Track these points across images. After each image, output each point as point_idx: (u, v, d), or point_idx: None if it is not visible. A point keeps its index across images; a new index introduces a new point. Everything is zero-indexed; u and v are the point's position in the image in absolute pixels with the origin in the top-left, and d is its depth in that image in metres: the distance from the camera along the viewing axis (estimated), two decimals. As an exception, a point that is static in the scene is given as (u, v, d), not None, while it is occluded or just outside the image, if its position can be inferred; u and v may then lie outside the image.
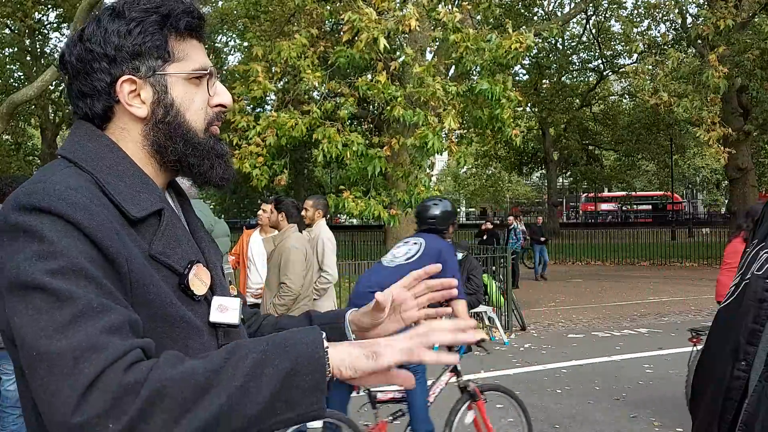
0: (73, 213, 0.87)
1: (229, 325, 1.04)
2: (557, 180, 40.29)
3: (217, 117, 1.09)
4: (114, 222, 0.91)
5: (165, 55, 1.03)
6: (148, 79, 1.02)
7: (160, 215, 1.01)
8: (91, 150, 0.99)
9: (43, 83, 11.41)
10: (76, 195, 0.89)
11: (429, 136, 8.13)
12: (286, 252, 4.61)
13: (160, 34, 1.02)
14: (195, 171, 1.07)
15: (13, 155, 25.20)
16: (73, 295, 0.82)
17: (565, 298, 13.16)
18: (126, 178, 0.99)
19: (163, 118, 1.03)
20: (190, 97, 1.05)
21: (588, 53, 31.64)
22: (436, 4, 9.41)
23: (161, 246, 0.98)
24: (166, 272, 0.97)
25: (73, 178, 0.93)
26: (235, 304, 1.05)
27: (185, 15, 1.04)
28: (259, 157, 9.18)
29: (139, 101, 1.02)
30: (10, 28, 22.88)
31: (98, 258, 0.87)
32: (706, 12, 14.25)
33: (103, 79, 1.01)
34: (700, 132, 13.10)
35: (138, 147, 1.04)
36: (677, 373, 6.58)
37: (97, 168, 0.97)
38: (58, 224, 0.86)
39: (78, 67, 1.02)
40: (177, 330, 0.95)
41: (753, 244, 1.20)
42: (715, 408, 1.12)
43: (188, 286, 0.99)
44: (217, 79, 1.10)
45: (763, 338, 1.08)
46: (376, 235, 26.50)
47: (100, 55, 1.00)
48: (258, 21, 15.46)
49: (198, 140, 1.05)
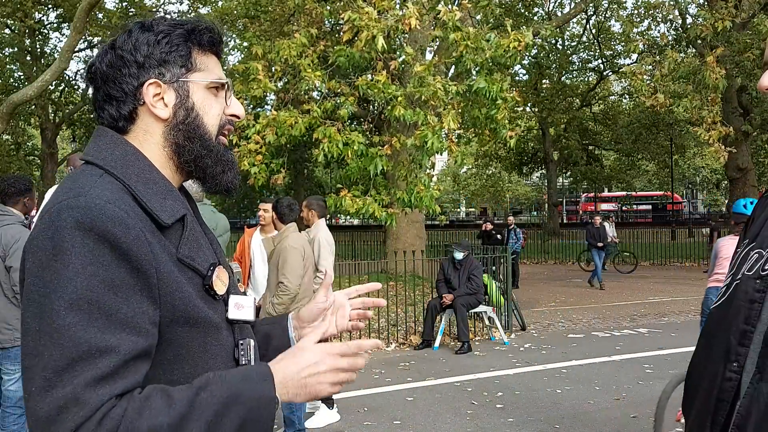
0: (112, 228, 0.95)
1: (246, 322, 1.15)
2: (557, 180, 40.28)
3: (229, 122, 1.19)
4: (146, 232, 1.00)
5: (188, 65, 1.14)
6: (172, 85, 1.12)
7: (183, 220, 1.09)
8: (119, 157, 1.07)
9: (43, 83, 11.41)
10: (114, 209, 0.97)
11: (428, 136, 8.13)
12: (284, 252, 4.65)
13: (185, 46, 1.14)
14: (208, 173, 1.15)
15: (13, 155, 25.19)
16: (78, 336, 0.91)
17: (565, 298, 13.16)
18: (153, 185, 1.07)
19: (184, 119, 1.13)
20: (209, 104, 1.15)
21: (588, 53, 31.63)
22: (437, 3, 9.40)
23: (187, 250, 1.07)
24: (192, 274, 1.06)
25: (109, 189, 1.01)
26: (249, 302, 1.16)
27: (208, 32, 1.16)
28: (258, 156, 9.18)
29: (162, 104, 1.11)
30: (10, 28, 22.88)
31: (125, 276, 0.95)
32: (705, 12, 14.25)
33: (131, 83, 1.10)
34: (700, 131, 13.10)
35: (159, 148, 1.12)
36: (677, 373, 6.59)
37: (127, 175, 1.05)
38: (90, 244, 0.94)
39: (108, 73, 1.11)
40: (197, 329, 1.05)
41: (744, 244, 1.21)
42: (708, 409, 1.12)
43: (212, 287, 1.08)
44: (232, 92, 1.21)
45: (755, 339, 1.08)
46: (376, 235, 26.49)
47: (130, 62, 1.10)
48: (258, 21, 15.45)
49: (212, 144, 1.15)
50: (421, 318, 8.97)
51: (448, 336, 8.61)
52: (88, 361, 0.91)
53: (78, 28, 11.06)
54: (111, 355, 0.92)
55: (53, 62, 12.55)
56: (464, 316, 8.00)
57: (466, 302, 8.08)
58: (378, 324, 9.20)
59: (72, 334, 0.91)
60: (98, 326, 0.92)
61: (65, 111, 25.92)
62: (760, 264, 1.12)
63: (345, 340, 1.60)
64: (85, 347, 0.91)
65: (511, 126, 9.00)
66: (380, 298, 1.42)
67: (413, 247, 13.16)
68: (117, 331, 0.93)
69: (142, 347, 0.96)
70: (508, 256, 9.63)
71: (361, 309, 1.37)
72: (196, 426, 0.94)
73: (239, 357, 1.11)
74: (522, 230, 18.14)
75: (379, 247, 20.05)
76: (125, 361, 0.93)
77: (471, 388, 6.23)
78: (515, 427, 5.06)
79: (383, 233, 17.67)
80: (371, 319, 9.14)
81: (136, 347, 0.95)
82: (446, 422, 5.22)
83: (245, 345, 1.13)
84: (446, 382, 6.48)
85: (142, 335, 0.96)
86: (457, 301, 8.03)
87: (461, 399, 5.87)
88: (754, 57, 15.04)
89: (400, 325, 9.24)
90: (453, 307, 8.05)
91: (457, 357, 7.65)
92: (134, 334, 0.95)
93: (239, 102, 1.21)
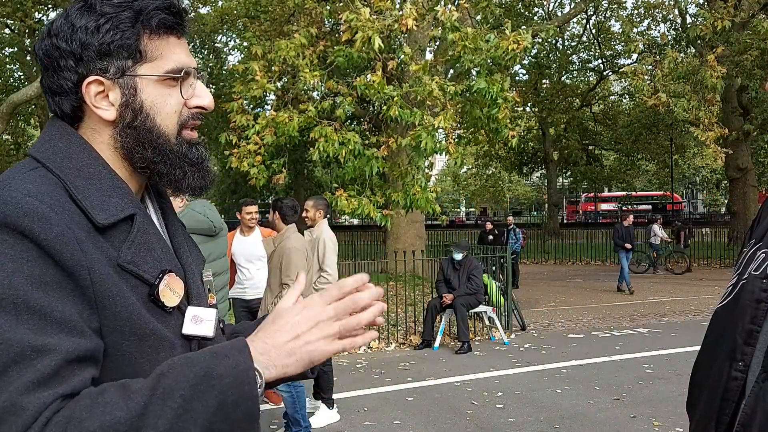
0: (29, 224, 0.82)
1: (203, 338, 0.98)
2: (557, 180, 40.29)
3: (192, 117, 1.01)
4: (77, 230, 0.86)
5: (136, 55, 0.96)
6: (117, 80, 0.95)
7: (132, 221, 0.95)
8: (62, 149, 0.94)
9: (42, 83, 11.41)
10: (34, 203, 0.84)
11: (422, 136, 8.12)
12: (287, 253, 4.64)
13: (132, 32, 0.95)
14: (165, 179, 1.01)
15: (13, 155, 25.19)
16: (7, 338, 0.78)
17: (565, 298, 13.16)
18: (96, 181, 0.93)
19: (131, 122, 0.96)
20: (162, 100, 0.98)
21: (588, 53, 31.63)
22: (436, 3, 9.40)
23: (131, 254, 0.92)
24: (135, 282, 0.91)
25: (35, 183, 0.88)
26: (210, 315, 1.00)
27: (160, 11, 0.96)
28: (257, 156, 9.18)
29: (107, 103, 0.96)
30: (10, 28, 22.87)
31: (54, 274, 0.83)
32: (704, 12, 14.25)
33: (69, 78, 0.95)
34: (697, 132, 13.11)
35: (110, 149, 0.98)
36: (677, 373, 6.59)
37: (65, 169, 0.92)
38: (10, 240, 0.82)
39: (46, 63, 0.96)
40: (145, 343, 0.90)
41: (750, 243, 1.20)
42: (712, 409, 1.11)
43: (158, 297, 0.93)
44: (199, 78, 1.02)
45: (761, 339, 1.08)
46: (376, 235, 26.49)
47: (66, 53, 0.94)
48: (258, 21, 15.44)
49: (169, 147, 0.99)
50: (421, 318, 8.96)
51: (448, 336, 8.61)
52: (23, 363, 0.78)
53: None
54: (50, 354, 0.79)
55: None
56: (464, 316, 7.99)
57: (466, 302, 8.08)
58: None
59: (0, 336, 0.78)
60: (30, 326, 0.79)
61: (65, 111, 25.88)
62: (767, 263, 1.11)
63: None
64: (17, 349, 0.78)
65: (511, 126, 9.00)
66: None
67: (413, 247, 13.15)
68: (53, 331, 0.80)
69: (85, 348, 0.82)
70: (508, 256, 9.62)
71: None
72: (161, 418, 0.79)
73: None
74: (522, 230, 18.17)
75: (379, 247, 20.04)
76: (68, 362, 0.80)
77: (471, 388, 6.22)
78: (515, 427, 5.05)
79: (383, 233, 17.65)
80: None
81: (78, 348, 0.81)
82: (446, 422, 5.21)
83: None
84: (446, 382, 6.47)
85: (85, 337, 0.83)
86: (456, 301, 8.02)
87: (461, 399, 5.86)
88: (754, 57, 15.05)
89: (400, 325, 9.23)
90: (453, 307, 8.04)
91: (457, 357, 7.64)
92: (75, 335, 0.82)
93: (208, 91, 1.02)
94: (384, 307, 0.99)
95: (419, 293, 10.32)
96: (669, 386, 6.10)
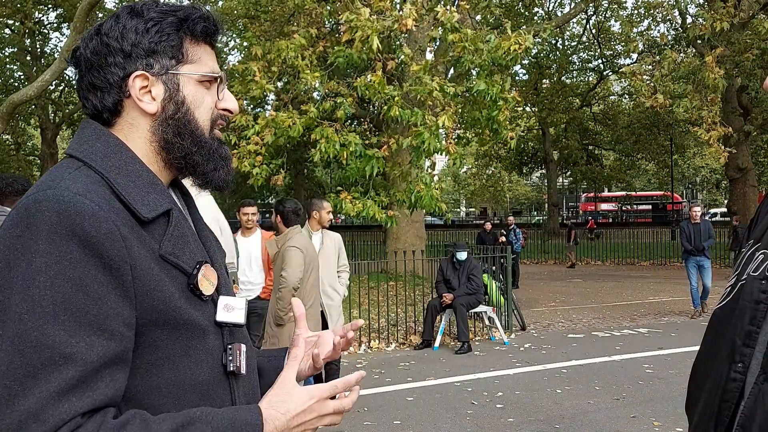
0: (81, 221, 0.88)
1: (235, 325, 1.07)
2: (557, 180, 40.28)
3: (221, 117, 1.12)
4: (122, 226, 0.92)
5: (179, 56, 1.06)
6: (160, 77, 1.05)
7: (169, 215, 1.02)
8: (101, 149, 1.01)
9: (43, 83, 11.40)
10: (84, 201, 0.90)
11: (425, 136, 8.12)
12: (285, 251, 4.72)
13: (176, 36, 1.06)
14: (199, 170, 1.09)
15: (13, 155, 25.21)
16: (43, 342, 0.83)
17: (565, 298, 13.16)
18: (136, 178, 1.00)
19: (174, 114, 1.05)
20: (200, 98, 1.08)
21: (588, 53, 31.63)
22: (435, 4, 9.40)
23: (171, 246, 0.99)
24: (175, 272, 0.99)
25: (82, 182, 0.94)
26: (240, 303, 1.08)
27: (202, 21, 1.08)
28: (257, 156, 9.18)
29: (149, 97, 1.04)
30: (10, 28, 22.87)
31: (96, 274, 0.88)
32: (704, 12, 14.24)
33: (116, 73, 1.03)
34: (700, 131, 13.09)
35: (146, 143, 1.05)
36: (677, 373, 6.59)
37: (107, 168, 0.98)
38: (59, 238, 0.87)
39: (92, 60, 1.04)
40: (179, 332, 0.97)
41: (749, 244, 1.20)
42: (712, 410, 1.11)
43: (197, 286, 1.00)
44: (226, 85, 1.13)
45: (760, 340, 1.08)
46: (376, 235, 26.49)
47: (115, 50, 1.03)
48: (258, 21, 15.44)
49: (205, 140, 1.08)
50: (421, 318, 8.96)
51: (448, 336, 8.61)
52: (52, 369, 0.83)
53: (78, 28, 11.05)
54: (78, 362, 0.84)
55: (53, 62, 12.54)
56: (464, 316, 7.99)
57: (465, 302, 8.08)
58: (378, 324, 9.20)
59: (34, 338, 0.83)
60: (64, 329, 0.84)
61: (65, 111, 25.91)
62: (765, 264, 1.11)
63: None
64: (48, 353, 0.83)
65: (511, 126, 9.01)
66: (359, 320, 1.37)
67: (413, 247, 13.16)
68: (85, 334, 0.85)
69: (114, 352, 0.88)
70: (509, 256, 9.62)
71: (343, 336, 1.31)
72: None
73: (227, 362, 1.03)
74: (522, 230, 18.18)
75: (379, 247, 20.04)
76: (95, 369, 0.85)
77: (471, 388, 6.22)
78: (515, 427, 5.05)
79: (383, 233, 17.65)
80: (371, 319, 9.16)
81: (107, 352, 0.87)
82: (446, 422, 5.21)
83: (234, 350, 1.04)
84: (446, 382, 6.47)
85: (115, 339, 0.88)
86: (456, 301, 8.02)
87: (461, 399, 5.86)
88: (754, 57, 15.05)
89: (400, 325, 9.23)
90: (453, 307, 8.04)
91: (457, 357, 7.64)
92: (105, 338, 0.87)
93: (233, 96, 1.14)
94: (362, 374, 1.14)
95: (419, 293, 10.32)
96: (669, 386, 6.10)
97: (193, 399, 0.98)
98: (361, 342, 8.31)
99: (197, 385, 0.98)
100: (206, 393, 1.00)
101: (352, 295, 9.73)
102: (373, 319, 9.25)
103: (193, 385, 0.98)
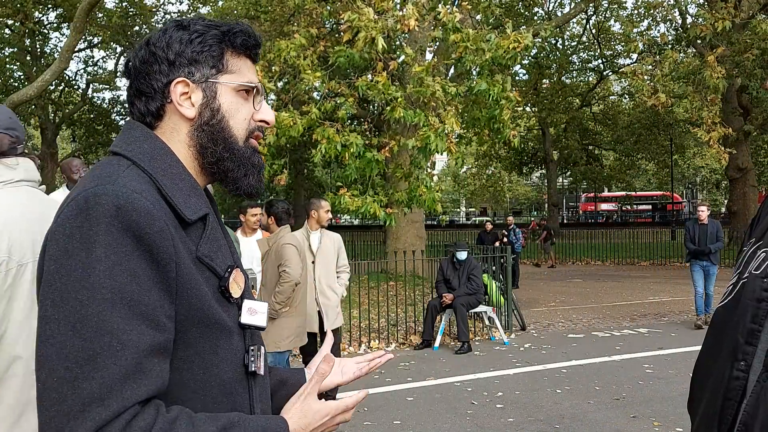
0: (137, 218, 0.94)
1: (258, 328, 1.12)
2: (557, 180, 40.27)
3: (258, 128, 1.17)
4: (170, 225, 0.98)
5: (219, 66, 1.12)
6: (200, 84, 1.11)
7: (205, 219, 1.09)
8: (148, 151, 1.06)
9: (43, 83, 11.41)
10: (141, 199, 0.95)
11: (431, 138, 8.12)
12: (280, 249, 4.82)
13: (218, 47, 1.13)
14: (229, 176, 1.14)
15: (13, 155, 25.10)
16: (102, 327, 0.89)
17: (565, 298, 13.16)
18: (179, 181, 1.06)
19: (209, 120, 1.11)
20: (236, 107, 1.13)
21: (588, 53, 31.63)
22: (437, 4, 9.40)
23: (207, 249, 1.05)
24: (209, 274, 1.05)
25: (137, 180, 0.99)
26: (263, 308, 1.14)
27: (242, 34, 1.15)
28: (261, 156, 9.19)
29: (189, 103, 1.11)
30: (10, 28, 22.86)
31: (146, 268, 0.94)
32: (704, 12, 14.24)
33: (161, 80, 1.10)
34: (700, 132, 13.09)
35: (185, 147, 1.12)
36: (677, 373, 6.59)
37: (154, 169, 1.04)
38: (117, 231, 0.92)
39: (140, 68, 1.11)
40: (209, 331, 1.02)
41: (750, 242, 1.20)
42: (714, 408, 1.12)
43: (227, 289, 1.06)
44: (263, 98, 1.19)
45: (762, 338, 1.08)
46: (376, 235, 26.50)
47: (161, 59, 1.10)
48: (258, 21, 15.45)
49: (237, 147, 1.13)
50: (421, 318, 8.96)
51: (448, 336, 8.61)
52: (111, 354, 0.88)
53: (78, 27, 11.06)
54: (133, 349, 0.90)
55: (53, 62, 12.54)
56: (464, 316, 7.99)
57: (465, 302, 8.08)
58: (378, 324, 9.20)
59: (95, 324, 0.88)
60: (121, 317, 0.90)
61: (65, 111, 25.92)
62: (767, 263, 1.11)
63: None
64: (107, 339, 0.88)
65: (512, 126, 9.01)
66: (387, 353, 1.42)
67: (413, 247, 13.16)
68: (138, 323, 0.91)
69: (159, 342, 0.93)
70: (509, 256, 9.62)
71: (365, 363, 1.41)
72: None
73: (249, 363, 1.09)
74: (522, 230, 18.17)
75: (379, 247, 20.05)
76: (147, 356, 0.91)
77: (471, 388, 6.22)
78: (515, 427, 5.05)
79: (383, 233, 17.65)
80: (371, 319, 9.16)
81: (155, 342, 0.93)
82: (446, 422, 5.21)
83: (255, 351, 1.10)
84: (446, 382, 6.48)
85: (161, 330, 0.94)
86: (456, 301, 8.02)
87: (461, 399, 5.86)
88: (754, 57, 15.05)
89: (400, 325, 9.23)
90: (453, 307, 8.04)
91: (457, 357, 7.64)
92: (153, 328, 0.93)
93: (270, 108, 1.20)
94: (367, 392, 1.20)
95: (419, 293, 10.32)
96: (669, 386, 6.10)
97: (217, 396, 1.03)
98: (361, 342, 8.31)
99: (222, 383, 1.04)
100: (229, 391, 1.05)
101: (352, 295, 9.73)
102: (373, 319, 9.25)
103: (218, 382, 1.03)
